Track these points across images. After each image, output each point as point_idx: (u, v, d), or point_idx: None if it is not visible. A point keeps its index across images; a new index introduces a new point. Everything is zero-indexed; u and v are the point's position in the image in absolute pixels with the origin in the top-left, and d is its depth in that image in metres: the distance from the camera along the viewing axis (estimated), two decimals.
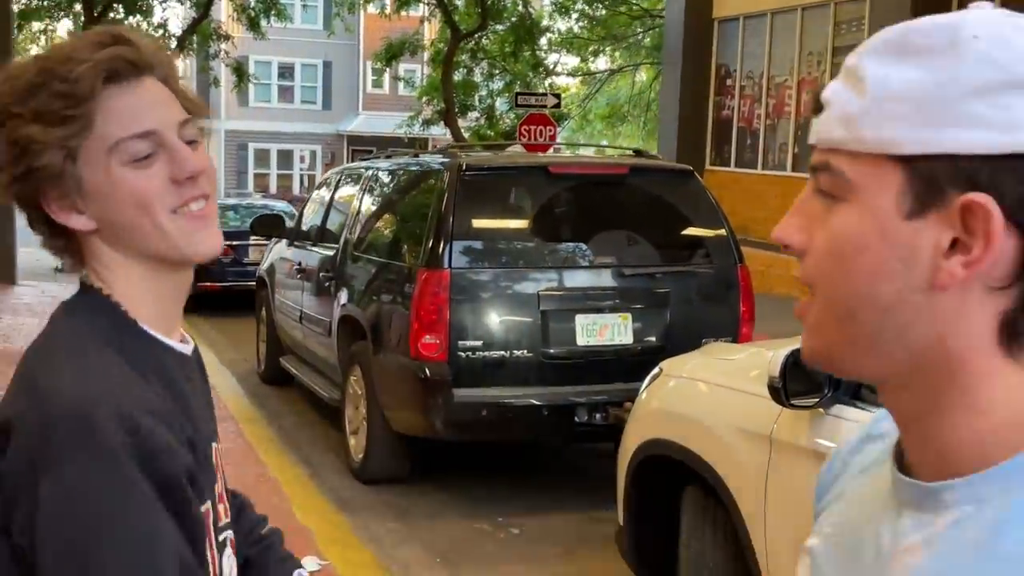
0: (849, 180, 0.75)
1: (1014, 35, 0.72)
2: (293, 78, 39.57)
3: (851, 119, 0.75)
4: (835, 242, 0.76)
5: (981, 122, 0.71)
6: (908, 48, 0.74)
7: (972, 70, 0.71)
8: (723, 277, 5.85)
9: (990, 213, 0.70)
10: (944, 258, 0.72)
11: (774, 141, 15.53)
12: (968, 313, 0.73)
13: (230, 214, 15.01)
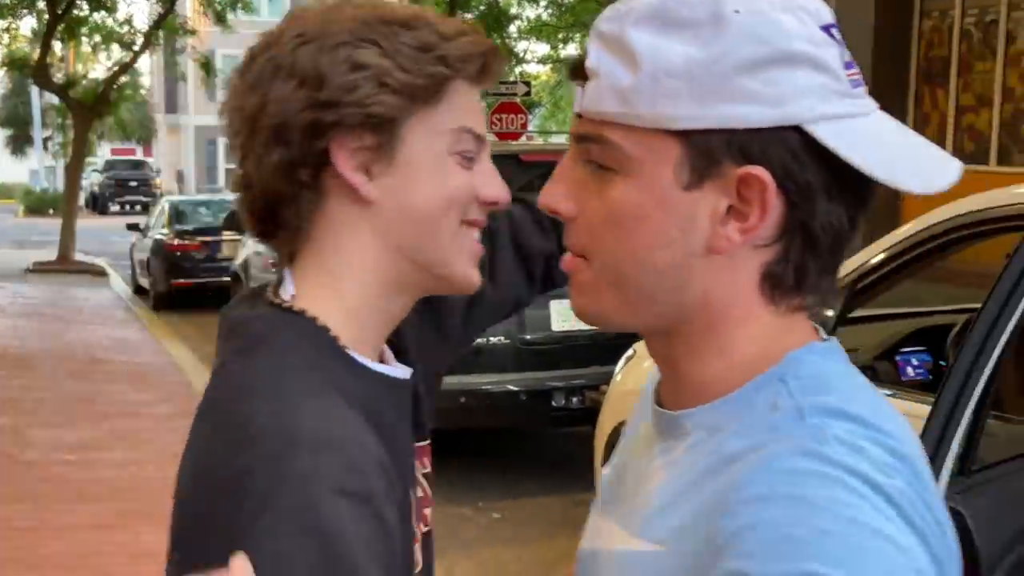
0: (627, 154, 0.76)
1: (770, 9, 0.74)
2: None
3: (626, 94, 0.75)
4: (613, 213, 0.78)
5: (752, 97, 0.73)
6: (672, 19, 0.75)
7: (740, 46, 0.73)
8: None
9: (766, 184, 0.74)
10: (721, 224, 0.75)
11: None
12: (735, 269, 0.77)
13: (202, 210, 14.98)
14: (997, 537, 1.70)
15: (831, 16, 0.79)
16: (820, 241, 0.76)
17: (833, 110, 0.75)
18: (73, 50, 24.57)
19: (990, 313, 1.57)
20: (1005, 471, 1.87)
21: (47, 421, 6.79)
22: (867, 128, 0.76)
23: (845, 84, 0.76)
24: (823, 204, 0.75)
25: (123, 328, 11.13)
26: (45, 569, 4.34)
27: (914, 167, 0.76)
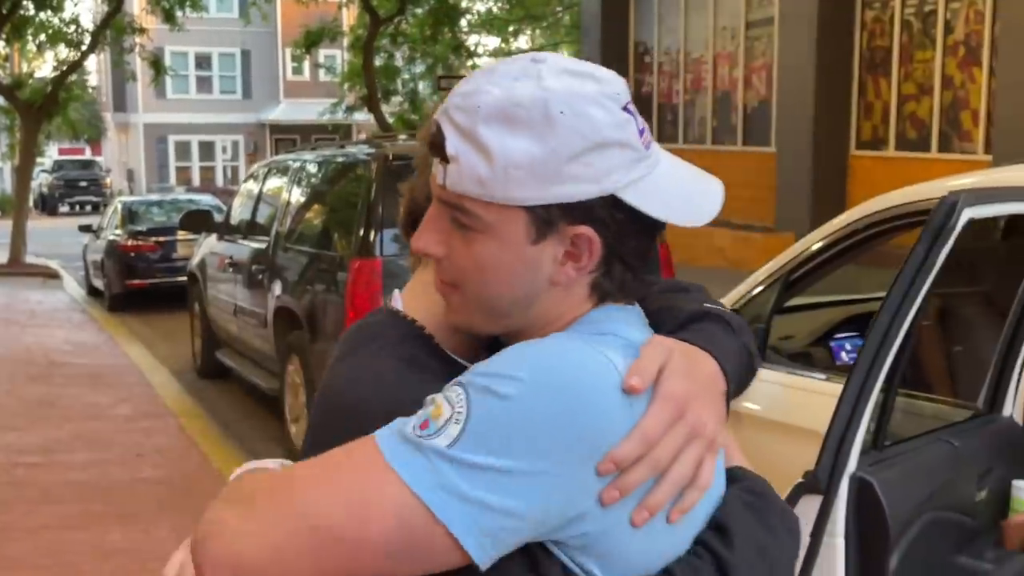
0: (485, 221, 1.02)
1: (589, 108, 1.00)
2: (211, 68, 39.12)
3: (483, 181, 1.00)
4: (477, 262, 1.04)
5: (578, 179, 1.00)
6: (513, 120, 0.99)
7: (566, 142, 0.99)
8: None
9: (592, 239, 1.02)
10: (560, 265, 1.03)
11: (693, 115, 15.85)
12: (571, 290, 1.05)
13: (155, 210, 14.92)
14: (905, 506, 1.87)
15: (628, 94, 1.05)
16: (631, 263, 1.05)
17: (634, 176, 1.02)
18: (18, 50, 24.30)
19: (894, 300, 1.73)
20: (915, 446, 2.04)
21: (8, 424, 6.83)
22: (656, 181, 1.03)
23: (641, 151, 1.03)
24: (631, 240, 1.04)
25: (80, 330, 11.12)
26: (13, 570, 4.42)
27: (686, 206, 1.04)
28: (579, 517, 0.94)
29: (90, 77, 40.04)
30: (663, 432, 0.96)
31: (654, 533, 0.99)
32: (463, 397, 0.93)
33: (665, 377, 0.98)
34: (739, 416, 3.24)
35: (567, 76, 1.01)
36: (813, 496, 1.75)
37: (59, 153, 42.88)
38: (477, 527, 0.90)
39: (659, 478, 0.97)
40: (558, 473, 0.91)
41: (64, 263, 17.82)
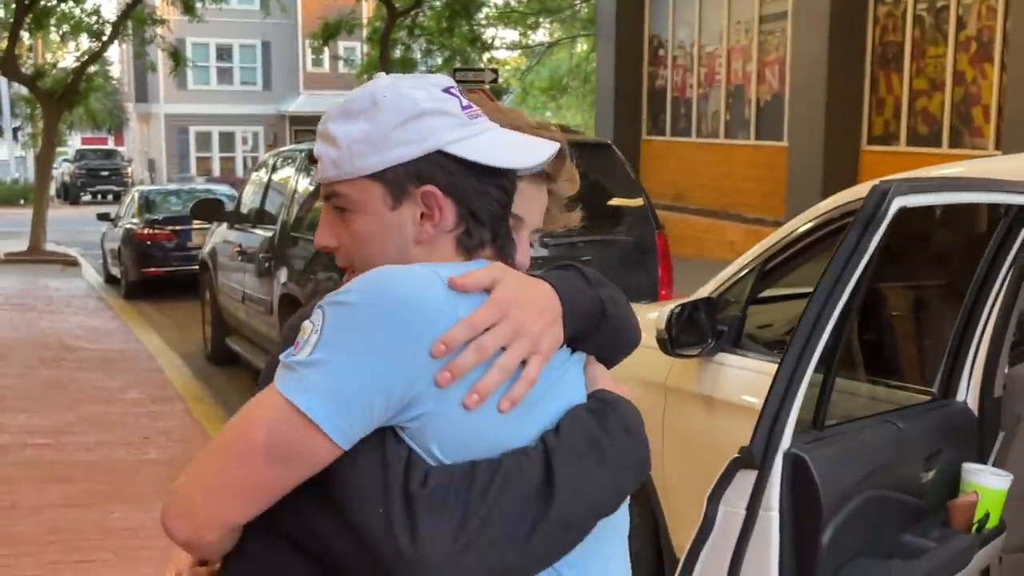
0: (353, 199, 1.25)
1: (410, 91, 1.25)
2: (232, 59, 39.33)
3: (336, 162, 1.24)
4: (355, 236, 1.26)
5: (405, 142, 1.22)
6: (350, 111, 1.26)
7: (390, 115, 1.23)
8: (642, 244, 6.18)
9: (436, 194, 1.23)
10: (420, 225, 1.24)
11: (707, 109, 15.87)
12: (438, 246, 1.25)
13: (172, 199, 15.11)
14: (840, 483, 1.95)
15: (450, 82, 1.28)
16: (485, 220, 1.25)
17: (458, 135, 1.23)
18: (41, 40, 24.53)
19: (825, 286, 1.81)
20: (857, 427, 2.12)
21: (20, 407, 6.97)
22: (483, 141, 1.24)
23: (463, 119, 1.25)
24: (476, 196, 1.24)
25: (94, 317, 11.28)
26: (18, 545, 4.55)
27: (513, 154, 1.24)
28: (417, 399, 1.12)
29: (112, 68, 40.32)
30: (487, 324, 1.14)
31: (487, 420, 1.14)
32: (320, 312, 1.14)
33: (496, 288, 1.17)
34: (713, 402, 3.32)
35: (396, 76, 1.28)
36: (748, 471, 1.84)
37: (82, 143, 43.20)
38: (334, 413, 1.09)
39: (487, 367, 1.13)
40: (396, 359, 1.10)
41: (84, 251, 18.03)
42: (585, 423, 1.20)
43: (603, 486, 1.19)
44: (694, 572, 1.89)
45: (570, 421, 1.19)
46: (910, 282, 3.02)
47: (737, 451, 1.87)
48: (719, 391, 3.28)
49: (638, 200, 6.28)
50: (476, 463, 1.13)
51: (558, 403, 1.21)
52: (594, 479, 1.17)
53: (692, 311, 3.36)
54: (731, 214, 14.38)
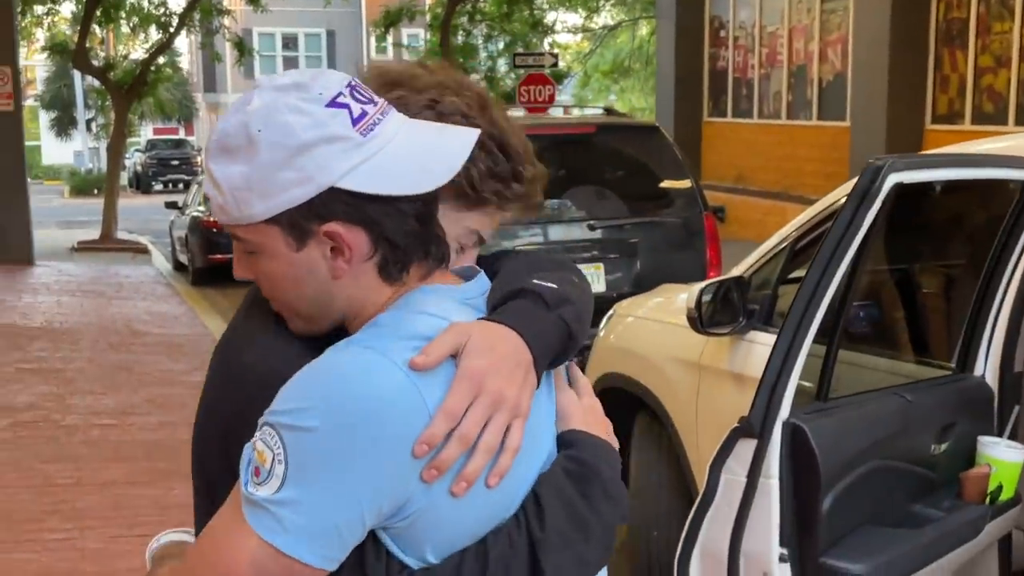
0: (253, 242, 1.14)
1: (281, 116, 1.08)
2: (297, 48, 39.82)
3: (223, 208, 1.13)
4: (268, 277, 1.16)
5: (292, 184, 1.08)
6: (226, 149, 1.11)
7: (268, 154, 1.08)
8: (689, 225, 6.20)
9: (338, 232, 1.09)
10: (332, 260, 1.11)
11: (768, 90, 15.73)
12: (359, 278, 1.14)
13: None
14: (841, 453, 2.00)
15: (340, 85, 1.11)
16: (402, 242, 1.12)
17: (349, 164, 1.08)
18: (112, 33, 25.08)
19: (822, 259, 1.85)
20: (862, 399, 2.16)
21: (87, 389, 7.23)
22: (382, 160, 1.09)
23: (355, 138, 1.09)
24: (391, 221, 1.11)
25: (162, 302, 11.59)
26: (83, 520, 4.75)
27: (415, 175, 1.10)
28: (407, 500, 1.06)
29: (181, 59, 41.04)
30: (464, 407, 1.06)
31: (477, 500, 1.09)
32: (277, 438, 1.03)
33: (463, 357, 1.07)
34: (744, 379, 3.36)
35: (272, 92, 1.10)
36: (748, 440, 1.89)
37: (153, 133, 44.06)
38: (322, 547, 1.04)
39: (471, 450, 1.06)
40: (378, 475, 1.03)
41: (154, 239, 18.46)
42: (568, 497, 1.15)
43: (589, 561, 1.16)
44: (698, 538, 1.95)
45: (552, 494, 1.14)
46: (932, 260, 3.03)
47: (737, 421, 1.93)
48: (750, 368, 3.32)
49: (686, 182, 6.30)
50: (461, 566, 1.10)
51: (539, 454, 1.16)
52: (581, 558, 1.15)
53: (725, 290, 3.40)
54: (793, 196, 14.24)
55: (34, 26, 22.03)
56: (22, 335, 9.21)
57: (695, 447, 3.56)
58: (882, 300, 3.46)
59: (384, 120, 1.12)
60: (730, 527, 1.91)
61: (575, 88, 32.69)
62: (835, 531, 1.99)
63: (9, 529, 4.61)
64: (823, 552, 1.95)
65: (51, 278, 13.20)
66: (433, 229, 1.16)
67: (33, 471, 5.41)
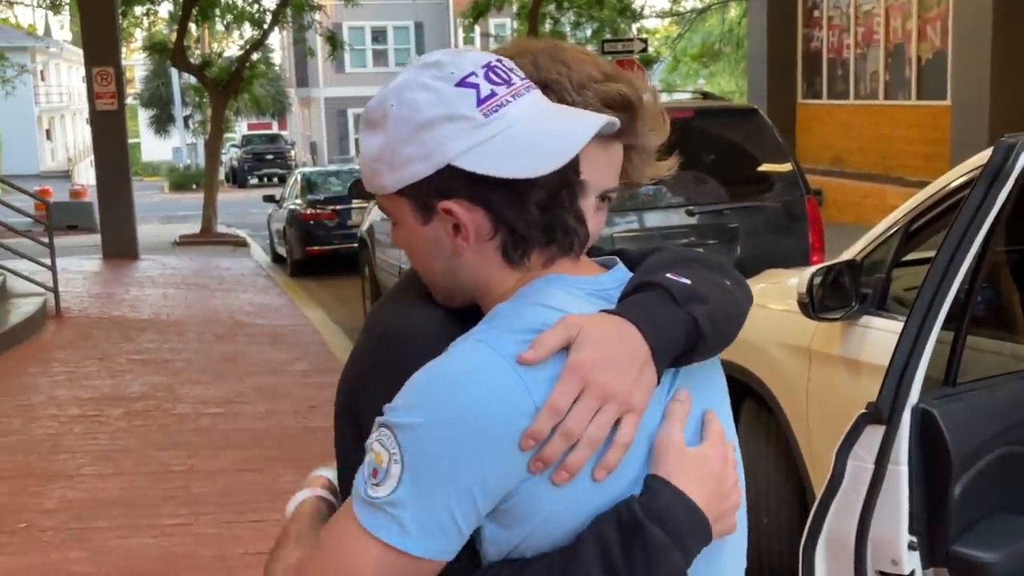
0: (390, 211, 1.19)
1: (415, 95, 1.12)
2: (386, 41, 40.21)
3: (365, 178, 1.18)
4: (405, 247, 1.20)
5: (413, 159, 1.11)
6: (369, 122, 1.16)
7: (397, 128, 1.12)
8: (790, 209, 6.11)
9: (455, 211, 1.11)
10: (454, 238, 1.13)
11: (865, 70, 15.39)
12: (481, 257, 1.15)
13: (332, 180, 15.64)
14: (972, 438, 1.95)
15: (475, 65, 1.13)
16: (520, 227, 1.13)
17: (467, 144, 1.10)
18: (207, 31, 25.63)
19: (952, 241, 1.81)
20: (993, 383, 2.10)
21: (196, 379, 7.43)
22: (501, 143, 1.10)
23: (478, 119, 1.11)
24: (509, 204, 1.11)
25: (263, 294, 11.84)
26: (197, 506, 4.89)
27: (532, 159, 1.09)
28: (514, 490, 1.07)
29: (274, 55, 41.76)
30: (569, 402, 1.05)
31: (584, 494, 1.08)
32: (392, 438, 1.05)
33: (572, 350, 1.06)
34: (858, 365, 3.31)
35: (413, 70, 1.15)
36: (876, 426, 1.86)
37: (248, 128, 44.97)
38: (441, 542, 1.06)
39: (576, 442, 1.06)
40: (489, 469, 1.04)
41: (252, 232, 18.88)
42: (606, 543, 1.08)
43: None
44: (824, 525, 1.93)
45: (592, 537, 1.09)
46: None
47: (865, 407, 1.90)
48: (864, 354, 3.26)
49: (786, 165, 6.20)
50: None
51: (637, 463, 1.12)
52: None
53: (836, 275, 3.35)
54: (892, 177, 13.93)
55: (133, 27, 22.67)
56: (132, 327, 9.50)
57: (805, 433, 3.52)
58: (1000, 282, 3.37)
59: (514, 102, 1.13)
60: (857, 514, 1.89)
61: (663, 73, 32.39)
62: (966, 519, 1.95)
63: (129, 515, 4.77)
64: (954, 540, 1.91)
65: (156, 271, 13.57)
66: (560, 216, 1.14)
67: (148, 458, 5.59)
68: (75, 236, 17.23)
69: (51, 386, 7.21)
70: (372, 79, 39.83)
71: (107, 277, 13.12)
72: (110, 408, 6.60)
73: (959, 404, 1.96)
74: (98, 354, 8.23)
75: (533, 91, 1.16)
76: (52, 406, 6.68)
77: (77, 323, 9.63)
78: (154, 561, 4.28)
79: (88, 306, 10.65)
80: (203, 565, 4.23)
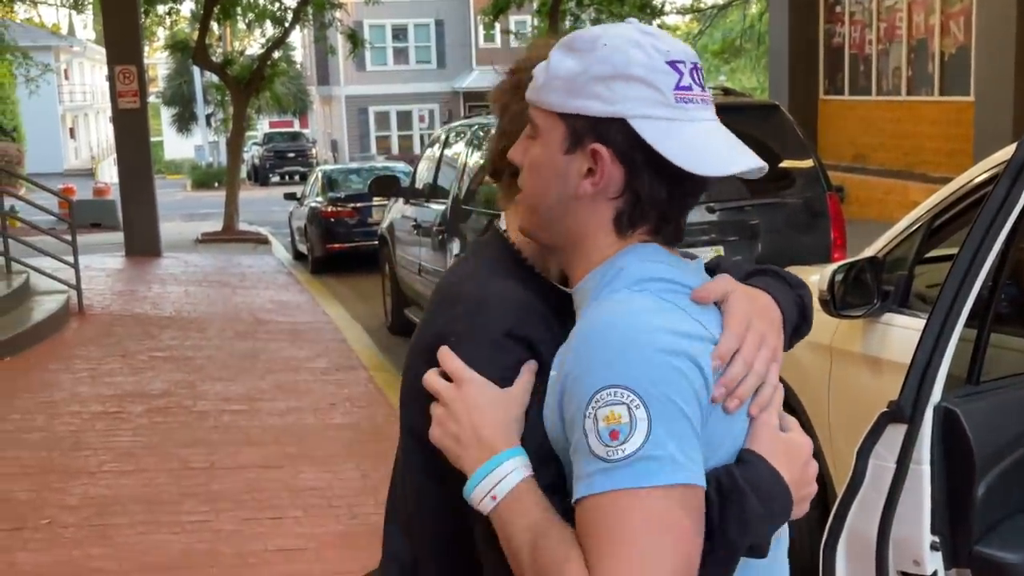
0: (539, 126, 1.23)
1: (630, 48, 1.17)
2: (407, 39, 40.24)
3: (538, 88, 1.23)
4: (530, 163, 1.25)
5: (596, 97, 1.17)
6: (573, 46, 1.21)
7: (597, 65, 1.18)
8: (811, 206, 6.07)
9: (602, 155, 1.17)
10: (583, 178, 1.19)
11: (887, 66, 15.29)
12: (596, 210, 1.22)
13: (353, 177, 15.66)
14: (996, 437, 1.93)
15: (687, 57, 1.19)
16: (646, 204, 1.20)
17: (654, 114, 1.16)
18: (229, 29, 25.73)
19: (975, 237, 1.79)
20: (1015, 382, 2.07)
21: (217, 376, 7.46)
22: (684, 131, 1.16)
23: (668, 98, 1.16)
24: (649, 178, 1.18)
25: (284, 291, 11.88)
26: (218, 502, 4.91)
27: (702, 157, 1.15)
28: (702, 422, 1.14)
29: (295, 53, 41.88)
30: (743, 334, 1.17)
31: (735, 424, 1.16)
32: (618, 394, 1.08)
33: (730, 301, 1.19)
34: (880, 362, 3.28)
35: (636, 30, 1.19)
36: (898, 424, 1.84)
37: (269, 126, 45.13)
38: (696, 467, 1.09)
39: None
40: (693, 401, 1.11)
41: (273, 230, 18.94)
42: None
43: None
44: (845, 525, 1.91)
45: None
46: None
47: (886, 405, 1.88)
48: (886, 352, 3.24)
49: (808, 161, 6.16)
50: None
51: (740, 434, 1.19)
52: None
53: (858, 271, 3.32)
54: (915, 174, 13.83)
55: (155, 25, 22.77)
56: (154, 324, 9.55)
57: (826, 432, 3.49)
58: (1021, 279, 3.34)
59: (699, 105, 1.19)
60: (879, 514, 1.87)
61: None
62: (989, 519, 1.92)
63: (150, 511, 4.79)
64: (977, 540, 1.89)
65: (178, 269, 13.64)
66: (677, 211, 1.22)
67: (169, 455, 5.61)
68: (98, 234, 17.34)
69: (73, 383, 7.26)
70: (393, 77, 39.94)
71: (130, 274, 13.20)
72: (132, 405, 6.63)
73: (982, 403, 1.94)
74: (120, 351, 8.28)
75: (711, 106, 1.22)
76: (74, 403, 6.72)
77: (99, 320, 9.68)
78: (174, 557, 4.29)
79: (110, 303, 10.71)
80: (223, 561, 4.24)
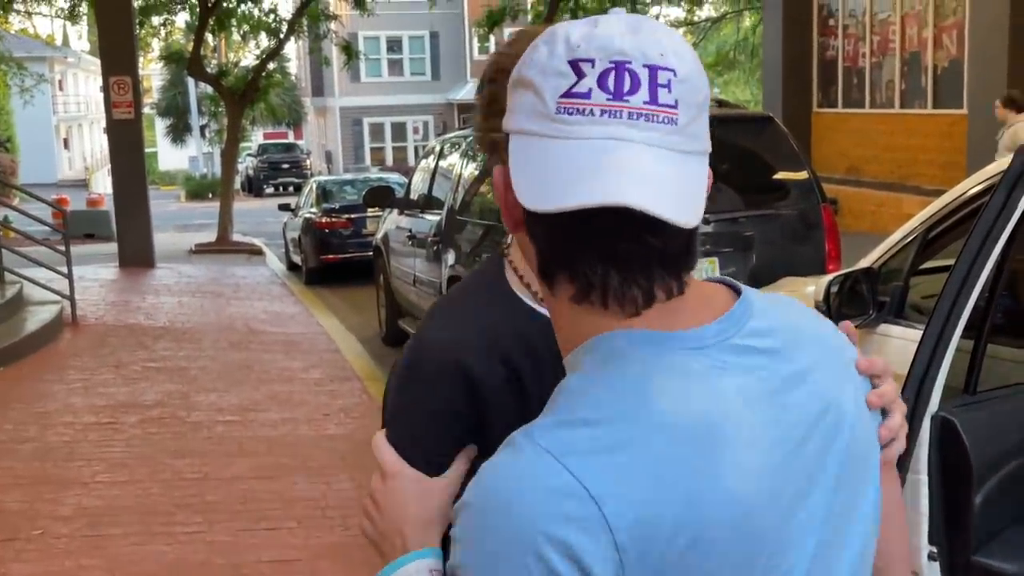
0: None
1: (541, 45, 0.95)
2: (401, 51, 40.30)
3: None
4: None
5: (507, 108, 0.97)
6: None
7: (514, 74, 0.98)
8: (806, 218, 6.08)
9: (495, 175, 0.99)
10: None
11: (880, 79, 15.34)
12: (527, 248, 1.01)
13: (348, 188, 15.67)
14: (994, 446, 1.93)
15: (602, 55, 0.90)
16: (546, 253, 0.97)
17: (529, 128, 0.93)
18: (224, 41, 25.76)
19: (972, 247, 1.79)
20: (1013, 392, 2.08)
21: (210, 387, 7.44)
22: (548, 151, 0.91)
23: (549, 109, 0.91)
24: (531, 217, 0.94)
25: (278, 302, 11.85)
26: (210, 514, 4.88)
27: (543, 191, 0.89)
28: None
29: (290, 64, 41.93)
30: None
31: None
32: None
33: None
34: None
35: (588, 24, 0.93)
36: None
37: (263, 137, 45.13)
38: None
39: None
40: None
41: (267, 241, 18.91)
42: None
43: None
44: None
45: None
46: None
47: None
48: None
49: (802, 173, 6.18)
50: None
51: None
52: None
53: (853, 283, 3.33)
54: (908, 186, 13.87)
55: (150, 37, 22.78)
56: (147, 334, 9.53)
57: None
58: (1020, 290, 3.35)
59: (594, 117, 0.90)
60: None
61: None
62: (987, 529, 1.92)
63: (143, 522, 4.77)
64: (975, 550, 1.89)
65: (172, 279, 13.62)
66: (600, 265, 0.92)
67: (162, 466, 5.59)
68: (92, 244, 17.31)
69: (67, 393, 7.23)
70: (387, 89, 39.96)
71: (123, 285, 13.17)
72: (125, 416, 6.61)
73: (980, 412, 1.94)
74: (114, 362, 8.25)
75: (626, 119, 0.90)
76: (68, 413, 6.70)
77: (93, 331, 9.66)
78: (168, 569, 4.27)
79: (104, 314, 10.68)
80: (216, 572, 4.22)
